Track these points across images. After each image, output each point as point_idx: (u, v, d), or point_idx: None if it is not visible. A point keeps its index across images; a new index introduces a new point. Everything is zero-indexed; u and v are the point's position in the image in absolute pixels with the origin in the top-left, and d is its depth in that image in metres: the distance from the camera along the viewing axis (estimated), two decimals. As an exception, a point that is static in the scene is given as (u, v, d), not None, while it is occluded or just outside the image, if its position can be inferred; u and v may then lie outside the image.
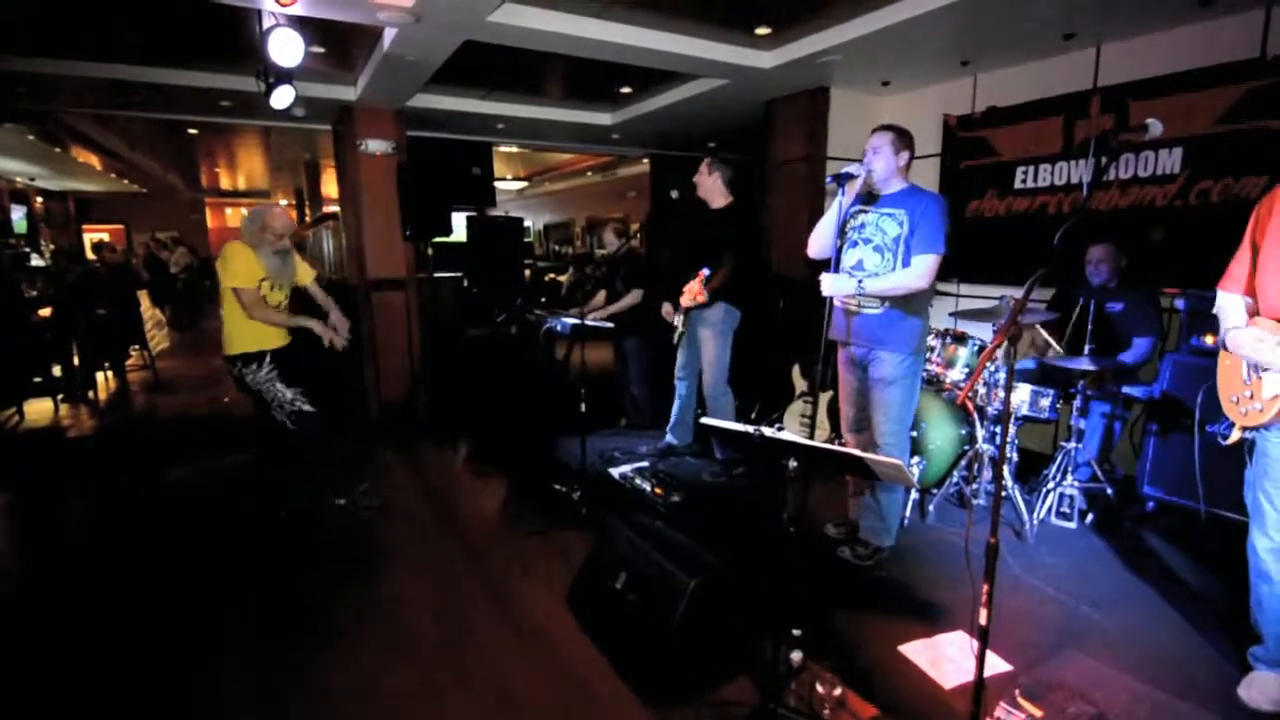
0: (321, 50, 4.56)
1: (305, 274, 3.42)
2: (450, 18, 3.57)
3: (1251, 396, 1.96)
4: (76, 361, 6.17)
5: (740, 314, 3.91)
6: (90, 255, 9.64)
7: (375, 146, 5.64)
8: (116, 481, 4.11)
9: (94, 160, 10.58)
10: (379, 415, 5.67)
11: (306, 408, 3.23)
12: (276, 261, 3.18)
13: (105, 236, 13.23)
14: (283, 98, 3.88)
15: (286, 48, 3.43)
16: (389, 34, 3.96)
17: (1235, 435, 2.06)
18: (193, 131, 7.93)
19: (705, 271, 3.69)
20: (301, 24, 3.50)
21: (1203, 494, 2.90)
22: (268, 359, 3.18)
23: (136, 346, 7.13)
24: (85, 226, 15.05)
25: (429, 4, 3.35)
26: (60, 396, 5.92)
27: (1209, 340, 3.19)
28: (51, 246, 12.00)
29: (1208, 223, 3.59)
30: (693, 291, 3.72)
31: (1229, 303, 2.08)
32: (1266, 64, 3.36)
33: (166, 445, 4.85)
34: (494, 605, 2.68)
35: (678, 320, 3.96)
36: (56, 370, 6.02)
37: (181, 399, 6.28)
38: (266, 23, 3.47)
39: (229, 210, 18.13)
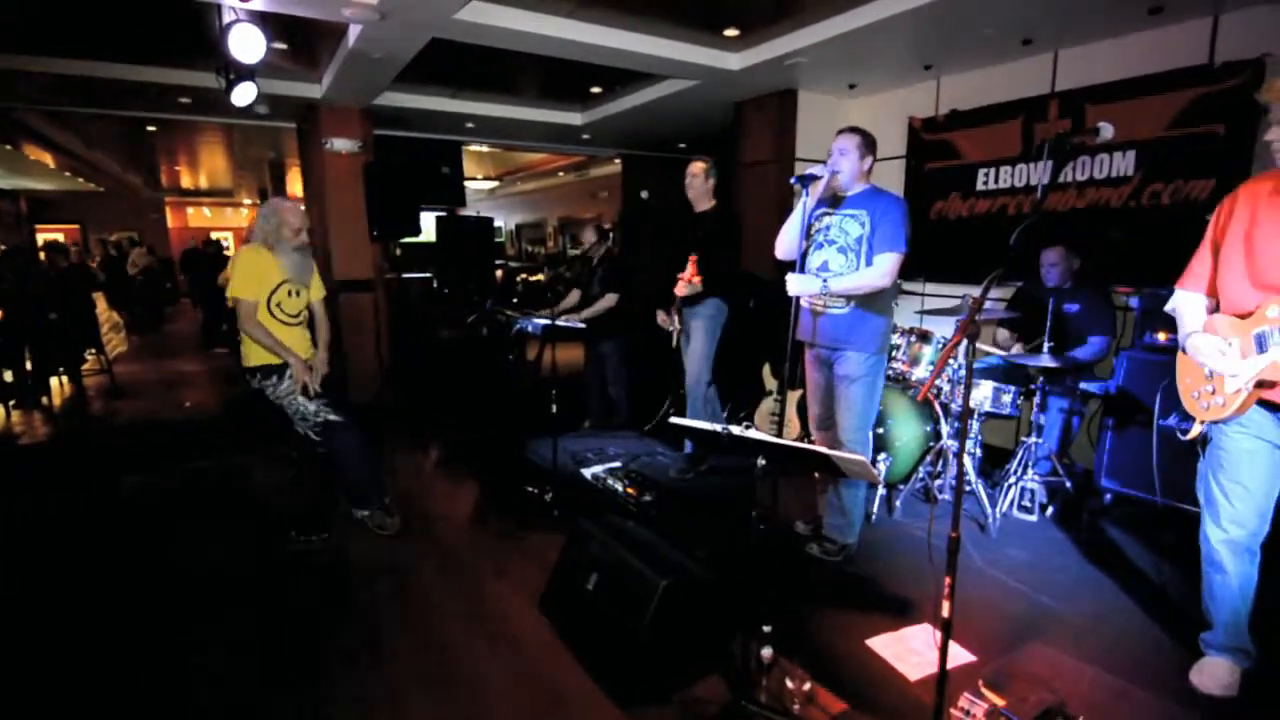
0: (284, 47, 4.48)
1: (317, 288, 3.18)
2: (416, 15, 3.54)
3: (1214, 391, 2.00)
4: (29, 366, 5.96)
5: (729, 310, 3.93)
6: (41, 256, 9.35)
7: (341, 145, 5.56)
8: (72, 490, 3.97)
9: (47, 158, 10.23)
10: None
11: (333, 417, 3.02)
12: (296, 259, 2.97)
13: (60, 237, 12.81)
14: (244, 95, 3.80)
15: (247, 44, 3.36)
16: (354, 30, 3.91)
17: (1196, 429, 2.10)
18: (151, 129, 7.72)
19: (695, 256, 3.70)
20: (263, 19, 3.43)
21: (1159, 486, 2.97)
22: (288, 372, 2.96)
23: (93, 350, 6.92)
24: (38, 226, 14.53)
25: (394, 1, 3.31)
26: (12, 403, 5.71)
27: (1161, 337, 3.29)
28: (2, 247, 11.57)
29: (1160, 223, 3.71)
30: (686, 276, 3.73)
31: (1186, 301, 2.12)
32: (1214, 70, 3.49)
33: (125, 452, 4.71)
34: (465, 610, 2.65)
35: (675, 324, 3.96)
36: (8, 375, 5.80)
37: (141, 404, 6.10)
38: (226, 18, 3.39)
39: (190, 210, 17.68)
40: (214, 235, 14.05)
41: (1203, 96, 3.53)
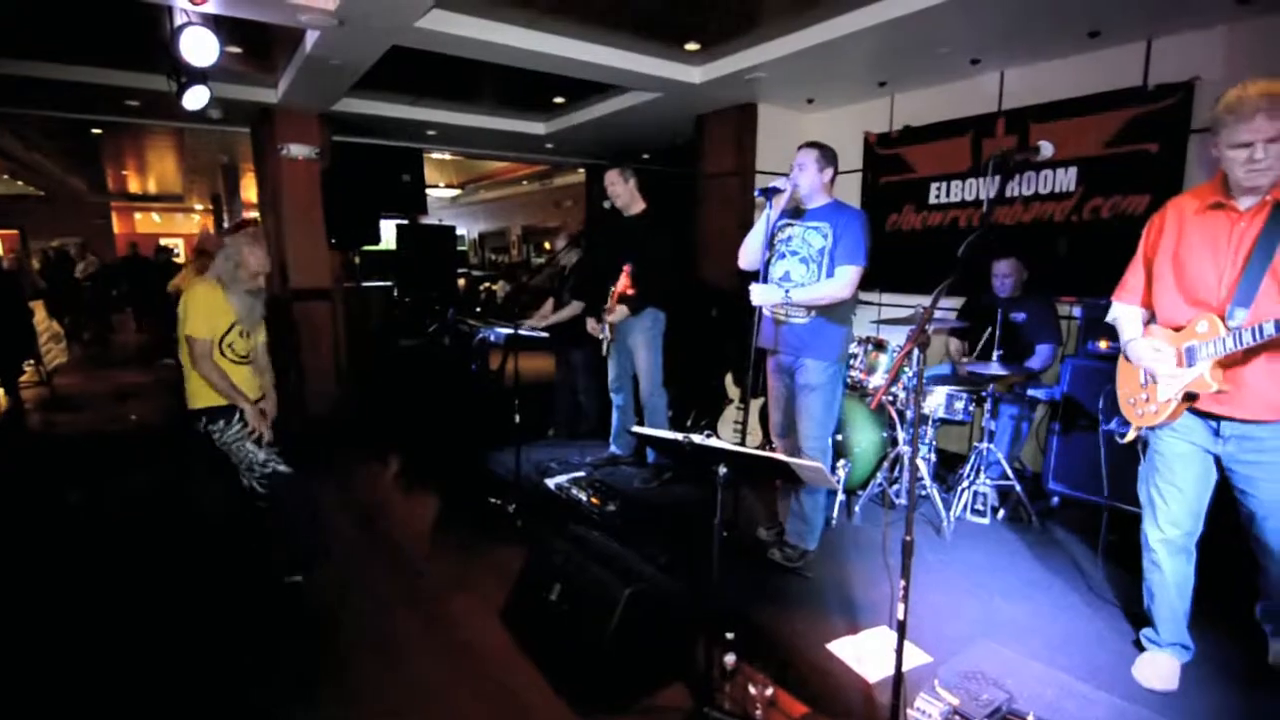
0: (239, 50, 4.39)
1: (259, 331, 3.05)
2: (375, 22, 3.50)
3: (1148, 399, 2.11)
4: (-40, 378, 5.67)
5: (665, 316, 3.96)
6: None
7: (298, 151, 5.45)
8: (6, 506, 3.79)
9: (-17, 160, 9.79)
10: (304, 430, 5.45)
11: (282, 468, 2.88)
12: (248, 302, 2.88)
13: (-4, 243, 12.22)
14: (196, 99, 3.70)
15: (200, 47, 3.28)
16: (311, 36, 3.85)
17: (1131, 434, 2.22)
18: (97, 131, 7.46)
19: (629, 266, 3.72)
20: (216, 23, 3.36)
21: (1107, 489, 3.08)
22: (237, 415, 2.81)
23: (31, 361, 6.61)
24: (-27, 232, 13.86)
25: (353, 7, 3.28)
26: (-59, 416, 5.43)
27: (1103, 345, 3.44)
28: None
29: (1100, 236, 3.88)
30: (621, 287, 3.73)
31: (1124, 313, 2.22)
32: (1147, 92, 3.68)
33: (64, 467, 4.51)
34: (426, 625, 2.61)
35: (604, 332, 3.98)
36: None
37: (82, 417, 5.85)
38: (178, 20, 3.31)
39: (138, 215, 17.08)
40: (164, 242, 13.61)
41: (1138, 117, 3.71)
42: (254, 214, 10.30)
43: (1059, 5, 3.27)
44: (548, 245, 11.81)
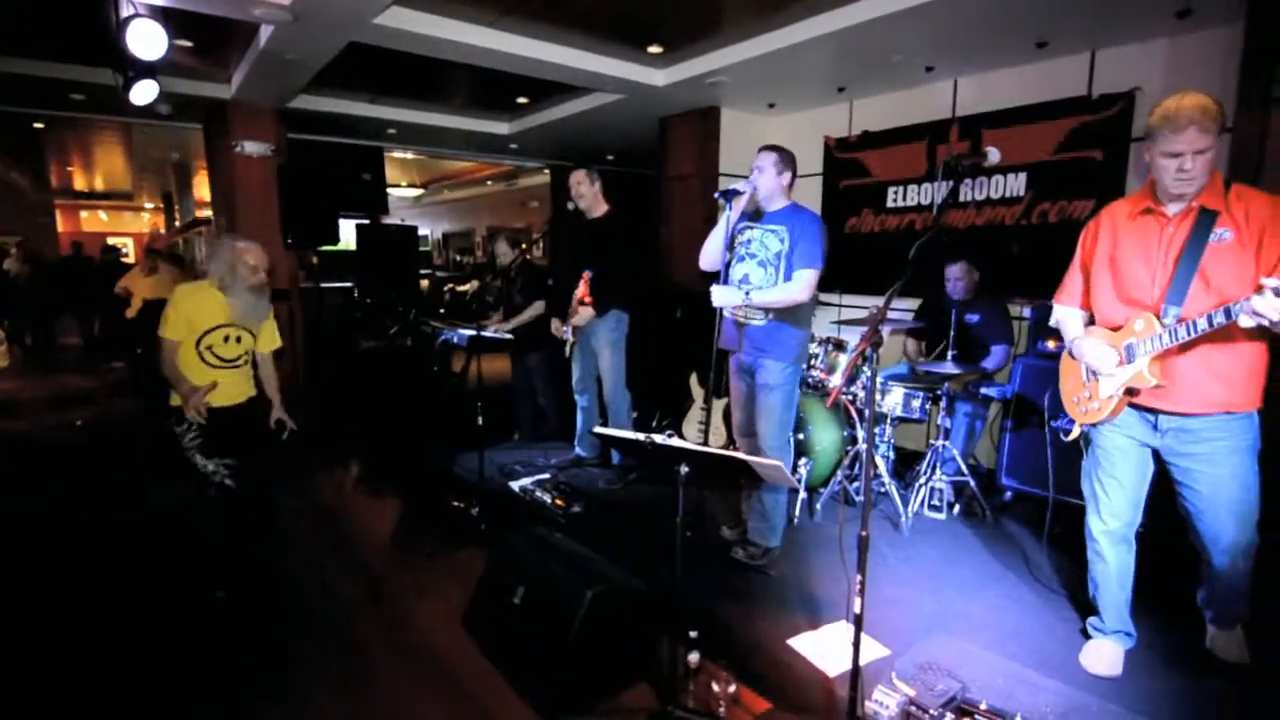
0: (189, 44, 4.26)
1: (269, 339, 2.99)
2: (331, 18, 3.44)
3: (1090, 397, 2.20)
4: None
5: (629, 317, 3.97)
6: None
7: (252, 148, 5.31)
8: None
9: (-87, 155, 9.31)
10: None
11: (229, 483, 2.83)
12: (250, 300, 2.79)
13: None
14: (144, 93, 3.57)
15: (147, 40, 3.16)
16: (265, 31, 3.76)
17: (1076, 431, 2.31)
18: (39, 125, 7.16)
19: (588, 274, 3.73)
20: (165, 15, 3.25)
21: (1053, 483, 3.18)
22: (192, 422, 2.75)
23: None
24: (-96, 230, 13.13)
25: (307, 2, 3.21)
26: None
27: (1051, 345, 3.56)
28: None
29: (1048, 240, 4.02)
30: (580, 294, 3.75)
31: (1066, 315, 2.33)
32: (1092, 101, 3.82)
33: (5, 473, 4.32)
34: (386, 630, 2.57)
35: (567, 334, 3.97)
36: None
37: (22, 423, 5.61)
38: (124, 12, 3.19)
39: (84, 213, 16.45)
40: (111, 241, 13.11)
41: (1083, 125, 3.86)
42: (207, 212, 10.00)
43: (1008, 16, 3.38)
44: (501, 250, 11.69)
